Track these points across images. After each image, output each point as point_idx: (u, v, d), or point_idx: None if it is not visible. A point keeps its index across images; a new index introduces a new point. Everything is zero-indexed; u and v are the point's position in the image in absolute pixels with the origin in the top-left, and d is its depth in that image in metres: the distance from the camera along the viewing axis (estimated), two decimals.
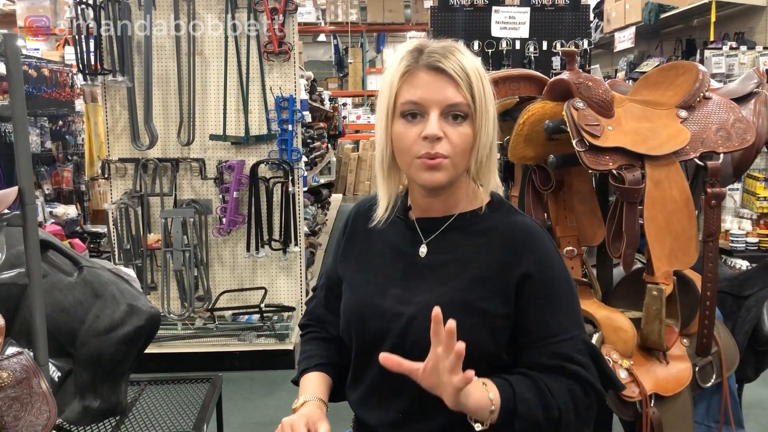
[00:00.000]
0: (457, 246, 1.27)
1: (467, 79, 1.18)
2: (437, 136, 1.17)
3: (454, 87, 1.18)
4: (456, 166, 1.21)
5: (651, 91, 1.95)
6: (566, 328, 1.23)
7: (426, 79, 1.19)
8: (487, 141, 1.22)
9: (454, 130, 1.19)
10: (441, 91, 1.18)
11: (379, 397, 1.30)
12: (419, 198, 1.30)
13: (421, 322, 1.18)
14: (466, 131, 1.20)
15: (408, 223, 1.32)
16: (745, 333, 2.09)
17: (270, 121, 3.94)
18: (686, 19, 7.95)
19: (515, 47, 5.05)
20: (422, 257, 1.28)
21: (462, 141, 1.19)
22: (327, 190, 8.25)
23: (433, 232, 1.29)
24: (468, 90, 1.18)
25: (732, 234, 5.21)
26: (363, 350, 1.31)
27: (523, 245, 1.24)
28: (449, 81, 1.18)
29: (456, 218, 1.28)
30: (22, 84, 1.52)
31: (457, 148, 1.19)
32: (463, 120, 1.20)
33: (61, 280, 1.89)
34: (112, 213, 3.88)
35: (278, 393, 3.59)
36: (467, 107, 1.19)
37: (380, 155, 1.26)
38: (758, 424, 3.19)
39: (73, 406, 1.89)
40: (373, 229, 1.35)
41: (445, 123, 1.19)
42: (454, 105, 1.18)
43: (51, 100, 5.00)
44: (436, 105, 1.18)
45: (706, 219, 1.85)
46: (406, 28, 12.15)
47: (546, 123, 1.77)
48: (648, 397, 1.77)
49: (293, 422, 1.24)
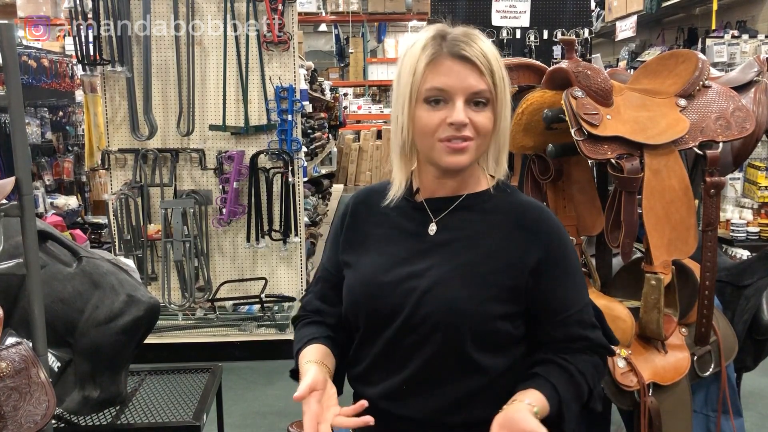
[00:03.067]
0: (468, 223, 1.30)
1: (489, 66, 1.22)
2: (464, 122, 1.21)
3: (477, 74, 1.22)
4: (478, 149, 1.25)
5: (650, 79, 1.94)
6: (582, 297, 1.32)
7: (451, 67, 1.22)
8: (506, 125, 1.28)
9: (477, 115, 1.23)
10: (466, 79, 1.21)
11: (381, 371, 1.31)
12: (431, 179, 1.33)
13: (435, 295, 1.24)
14: (489, 116, 1.24)
15: (415, 204, 1.35)
16: (744, 322, 2.09)
17: (269, 111, 3.93)
18: (688, 7, 7.92)
19: (516, 36, 5.03)
20: (432, 235, 1.31)
21: (485, 125, 1.23)
22: (328, 180, 8.24)
23: (443, 211, 1.32)
24: (490, 77, 1.22)
25: (733, 223, 5.20)
26: (371, 327, 1.32)
27: (539, 225, 1.29)
28: (473, 68, 1.22)
29: (465, 198, 1.31)
30: (18, 73, 1.52)
31: (481, 131, 1.23)
32: (485, 106, 1.23)
33: (60, 270, 1.89)
34: (112, 204, 3.88)
35: (278, 383, 3.60)
36: (489, 93, 1.23)
37: (399, 139, 1.30)
38: (757, 413, 3.20)
39: (73, 396, 1.90)
40: (376, 215, 1.37)
41: (468, 108, 1.22)
42: (477, 92, 1.22)
43: (51, 90, 4.99)
44: (461, 92, 1.22)
45: (705, 208, 1.85)
46: (408, 17, 12.08)
47: (545, 112, 1.76)
48: (646, 386, 1.77)
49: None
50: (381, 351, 1.30)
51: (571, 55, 1.84)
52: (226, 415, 2.58)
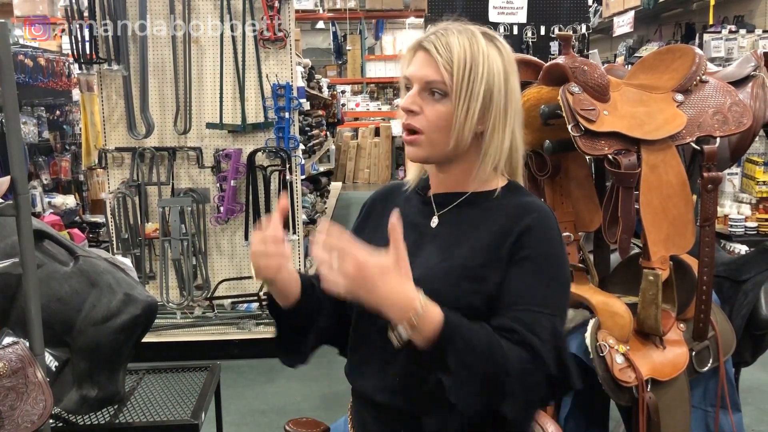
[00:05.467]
0: (467, 218, 1.31)
1: (449, 59, 1.24)
2: (406, 108, 1.26)
3: (434, 65, 1.24)
4: (431, 142, 1.27)
5: (647, 74, 1.94)
6: (541, 302, 1.19)
7: (416, 57, 1.28)
8: (468, 121, 1.25)
9: (429, 106, 1.26)
10: (422, 68, 1.26)
11: (375, 363, 1.30)
12: (432, 174, 1.37)
13: (421, 287, 1.21)
14: (442, 108, 1.25)
15: (424, 198, 1.37)
16: (742, 317, 2.09)
17: (267, 109, 3.92)
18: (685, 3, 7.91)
19: (513, 32, 5.02)
20: (432, 228, 1.33)
21: (436, 117, 1.25)
22: (326, 178, 8.24)
23: (447, 205, 1.33)
24: (447, 69, 1.23)
25: (731, 219, 5.20)
26: (364, 317, 1.32)
27: (527, 216, 1.26)
28: (430, 60, 1.25)
29: (470, 195, 1.32)
30: (13, 71, 1.51)
31: (432, 124, 1.25)
32: (442, 97, 1.25)
33: (56, 269, 1.89)
34: (110, 202, 3.88)
35: (277, 381, 3.60)
36: (442, 84, 1.24)
37: None
38: (756, 408, 3.20)
39: (71, 396, 1.90)
40: (389, 209, 1.38)
41: (425, 100, 1.26)
42: (429, 82, 1.25)
43: (48, 89, 4.97)
44: (417, 80, 1.26)
45: (702, 203, 1.85)
46: (405, 14, 12.07)
47: (542, 108, 1.76)
48: (644, 381, 1.77)
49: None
50: (374, 342, 1.29)
51: (568, 51, 1.84)
52: (225, 413, 2.58)
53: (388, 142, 11.79)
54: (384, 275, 1.09)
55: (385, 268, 1.09)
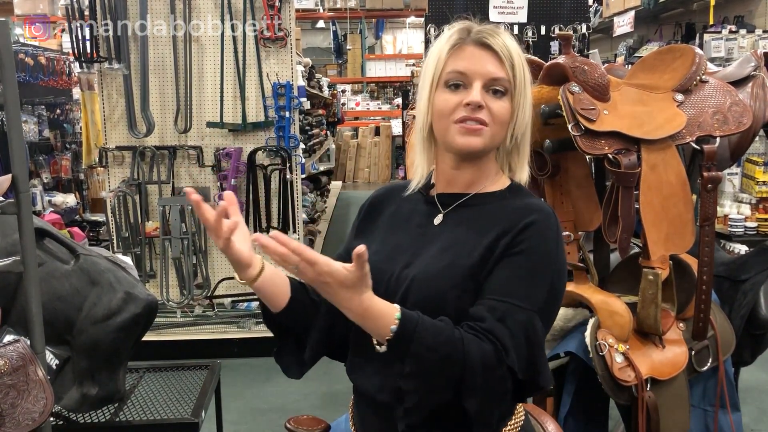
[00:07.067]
0: (470, 218, 1.31)
1: (510, 58, 1.26)
2: (480, 103, 1.24)
3: (498, 62, 1.26)
4: (493, 136, 1.27)
5: (647, 74, 1.94)
6: (521, 296, 1.18)
7: (473, 52, 1.27)
8: (524, 120, 1.29)
9: (494, 102, 1.26)
10: (485, 65, 1.25)
11: (376, 362, 1.30)
12: (447, 170, 1.34)
13: (419, 284, 1.25)
14: (505, 105, 1.27)
15: (427, 198, 1.38)
16: (741, 317, 2.09)
17: (267, 108, 3.92)
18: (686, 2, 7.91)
19: (513, 32, 5.02)
20: (435, 226, 1.33)
21: (501, 113, 1.26)
22: (326, 177, 8.25)
23: (450, 206, 1.34)
24: (510, 68, 1.26)
25: (731, 219, 5.20)
26: None
27: (527, 216, 1.26)
28: (494, 56, 1.26)
29: (474, 196, 1.32)
30: (14, 70, 1.51)
31: (497, 118, 1.26)
32: (503, 95, 1.26)
33: (57, 268, 1.89)
34: (110, 201, 3.88)
35: (277, 380, 3.60)
36: (507, 83, 1.26)
37: (420, 125, 1.33)
38: (755, 408, 3.20)
39: (72, 394, 1.90)
40: (391, 207, 1.41)
41: (486, 95, 1.25)
42: (496, 79, 1.25)
43: (48, 88, 4.97)
44: (479, 76, 1.25)
45: (702, 203, 1.85)
46: (405, 13, 12.07)
47: (542, 108, 1.76)
48: (644, 381, 1.77)
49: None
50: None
51: (568, 51, 1.85)
52: (225, 411, 2.58)
53: (388, 142, 11.80)
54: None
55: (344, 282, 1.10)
